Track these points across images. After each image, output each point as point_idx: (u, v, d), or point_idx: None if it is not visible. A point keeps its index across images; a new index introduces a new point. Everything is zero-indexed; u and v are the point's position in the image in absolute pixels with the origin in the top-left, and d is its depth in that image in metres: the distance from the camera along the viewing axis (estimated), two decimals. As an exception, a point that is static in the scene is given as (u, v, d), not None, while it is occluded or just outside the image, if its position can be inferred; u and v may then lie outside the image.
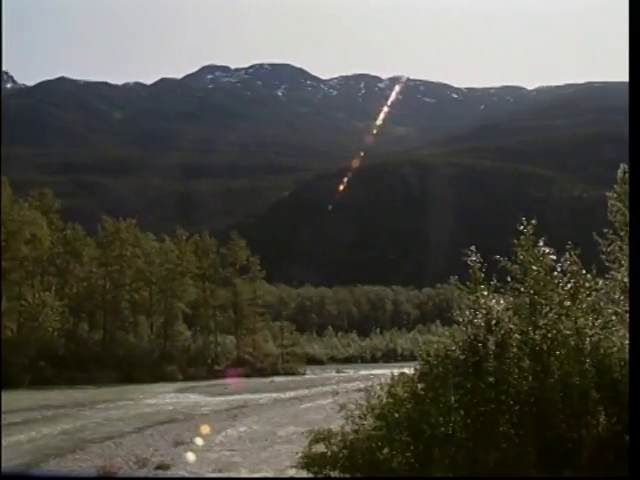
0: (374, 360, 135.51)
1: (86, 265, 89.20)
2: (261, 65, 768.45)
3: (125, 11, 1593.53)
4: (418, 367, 14.55)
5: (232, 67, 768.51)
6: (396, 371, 15.78)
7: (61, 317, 79.75)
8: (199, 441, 31.40)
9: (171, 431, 35.49)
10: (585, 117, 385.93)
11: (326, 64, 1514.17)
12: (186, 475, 23.80)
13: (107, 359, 78.79)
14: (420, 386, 14.18)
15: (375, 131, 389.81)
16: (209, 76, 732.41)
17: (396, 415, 13.93)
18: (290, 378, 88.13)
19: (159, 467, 24.68)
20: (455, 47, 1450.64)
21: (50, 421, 40.59)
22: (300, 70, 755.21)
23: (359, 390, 16.62)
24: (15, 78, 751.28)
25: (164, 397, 58.65)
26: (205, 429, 36.29)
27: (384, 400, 14.45)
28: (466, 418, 13.62)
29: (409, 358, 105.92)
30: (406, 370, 15.51)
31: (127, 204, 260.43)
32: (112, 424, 39.49)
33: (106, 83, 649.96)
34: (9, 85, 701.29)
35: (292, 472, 19.40)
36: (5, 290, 78.93)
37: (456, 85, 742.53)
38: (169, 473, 23.78)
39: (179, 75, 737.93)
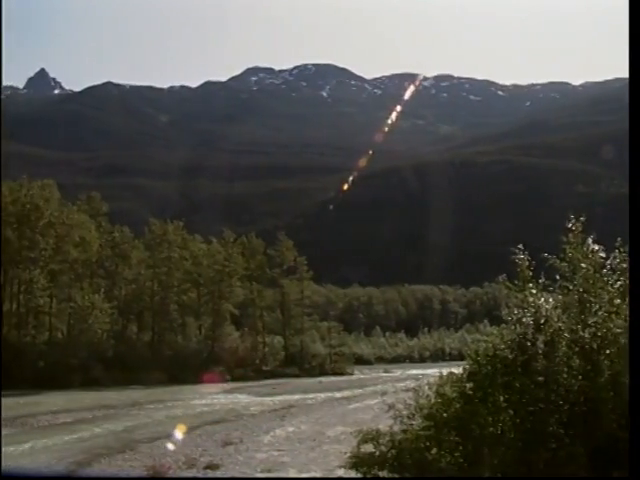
0: (422, 360, 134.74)
1: (134, 267, 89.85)
2: (305, 66, 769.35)
3: (169, 15, 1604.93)
4: (467, 366, 14.45)
5: (276, 69, 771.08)
6: (444, 371, 15.70)
7: (110, 319, 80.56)
8: (247, 441, 31.50)
9: (220, 431, 35.61)
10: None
11: (370, 63, 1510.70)
12: (237, 475, 23.87)
13: (156, 360, 79.30)
14: (469, 386, 14.08)
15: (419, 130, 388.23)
16: (253, 78, 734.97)
17: (445, 415, 13.86)
18: (338, 378, 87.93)
19: (208, 467, 24.78)
20: (499, 44, 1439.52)
21: (101, 421, 40.99)
22: (344, 70, 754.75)
23: (407, 390, 16.54)
24: (62, 84, 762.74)
25: (213, 398, 58.88)
26: (253, 429, 36.44)
27: (432, 400, 14.39)
28: (515, 418, 13.49)
29: (457, 357, 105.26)
30: (454, 370, 15.43)
31: (173, 206, 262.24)
32: (161, 424, 39.74)
33: (152, 87, 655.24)
34: (57, 91, 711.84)
35: (340, 472, 19.39)
36: (55, 292, 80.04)
37: (501, 82, 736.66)
38: (218, 473, 23.87)
39: (224, 78, 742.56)
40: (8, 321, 76.62)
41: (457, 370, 15.09)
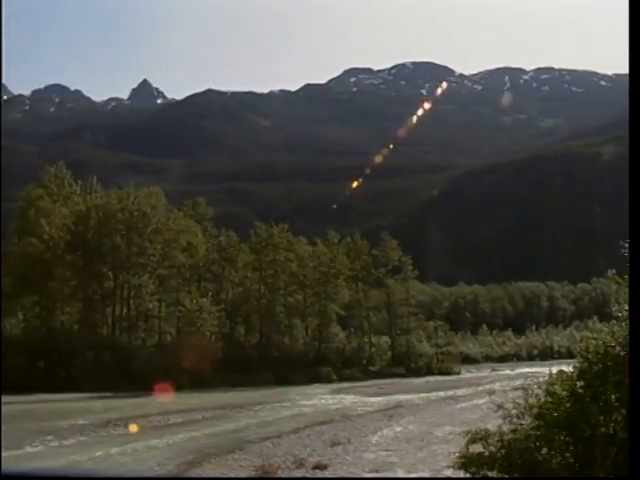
0: (530, 358, 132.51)
1: (241, 270, 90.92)
2: (404, 65, 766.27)
3: (267, 20, 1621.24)
4: (577, 365, 14.13)
5: (375, 69, 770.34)
6: (554, 369, 15.40)
7: (218, 321, 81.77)
8: (355, 441, 31.53)
9: (328, 431, 35.75)
10: None
11: (469, 59, 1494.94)
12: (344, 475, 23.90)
13: (263, 361, 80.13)
14: (579, 384, 13.76)
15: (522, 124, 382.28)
16: (352, 79, 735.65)
17: (555, 414, 13.57)
18: (445, 378, 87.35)
19: (316, 467, 24.88)
20: (599, 33, 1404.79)
21: (210, 422, 41.66)
22: (443, 67, 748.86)
23: (515, 389, 16.30)
24: (165, 94, 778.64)
25: (320, 398, 59.12)
26: (361, 429, 36.45)
27: (542, 399, 14.11)
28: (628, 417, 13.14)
29: (566, 355, 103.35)
30: (564, 368, 15.12)
31: (277, 209, 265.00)
32: (269, 425, 40.12)
33: (252, 92, 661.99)
34: (159, 101, 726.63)
35: (449, 472, 19.23)
36: (164, 296, 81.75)
37: (603, 72, 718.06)
38: (326, 473, 23.96)
39: (323, 80, 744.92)
40: (119, 325, 78.77)
41: (567, 368, 14.78)
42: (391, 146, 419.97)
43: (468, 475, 14.36)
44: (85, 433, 35.77)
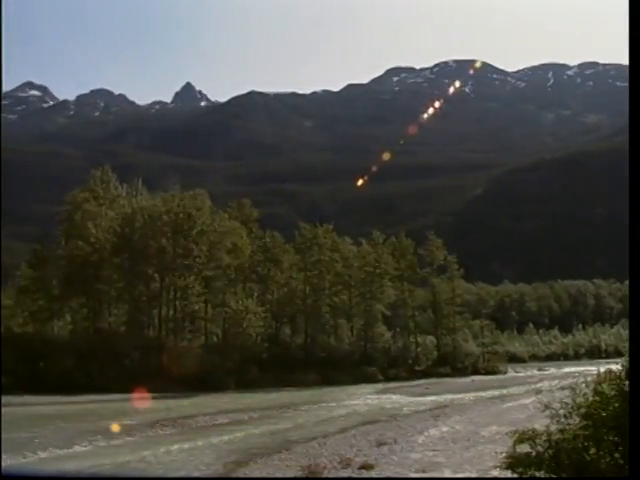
0: (577, 357, 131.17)
1: (286, 271, 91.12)
2: (446, 63, 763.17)
3: (308, 21, 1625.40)
4: (625, 363, 13.96)
5: (417, 67, 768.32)
6: (601, 368, 15.24)
7: (264, 322, 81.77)
8: (401, 441, 31.45)
9: (374, 431, 35.72)
10: None
11: (511, 56, 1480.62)
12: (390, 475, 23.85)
13: (309, 362, 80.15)
14: (628, 383, 13.61)
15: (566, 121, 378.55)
16: (395, 78, 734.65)
17: (603, 414, 13.44)
18: (491, 377, 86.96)
19: (362, 467, 24.86)
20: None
21: (256, 422, 41.86)
22: (486, 64, 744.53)
23: (562, 388, 16.16)
24: (208, 96, 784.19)
25: (366, 398, 59.09)
26: (407, 429, 36.36)
27: (590, 398, 13.97)
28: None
29: (613, 354, 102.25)
30: (612, 367, 14.96)
31: (322, 210, 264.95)
32: (315, 425, 40.19)
33: (295, 93, 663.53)
34: (203, 103, 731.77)
35: (496, 472, 19.11)
36: (210, 298, 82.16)
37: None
38: (373, 473, 23.93)
39: (365, 80, 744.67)
40: (165, 326, 79.31)
41: (615, 367, 14.61)
42: (434, 145, 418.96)
43: (515, 475, 14.28)
44: (133, 433, 36.14)
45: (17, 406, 49.42)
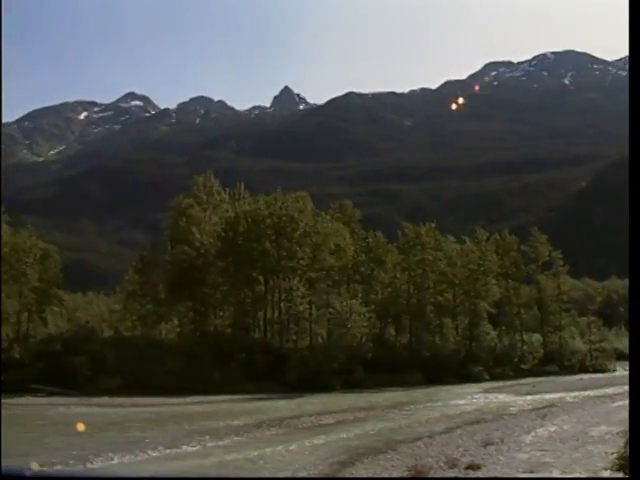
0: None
1: (389, 271, 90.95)
2: (544, 55, 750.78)
3: (404, 20, 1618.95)
4: None
5: (514, 61, 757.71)
6: None
7: (368, 322, 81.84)
8: (508, 441, 31.15)
9: (480, 431, 35.42)
10: None
11: (611, 45, 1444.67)
12: (497, 475, 23.67)
13: (414, 361, 79.68)
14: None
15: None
16: (493, 73, 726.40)
17: None
18: (599, 375, 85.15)
19: (469, 467, 24.69)
20: None
21: (361, 422, 41.95)
22: (585, 55, 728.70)
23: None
24: (307, 99, 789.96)
25: (471, 398, 58.60)
26: (514, 429, 35.99)
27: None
28: None
29: None
30: None
31: (424, 208, 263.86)
32: (421, 425, 40.10)
33: (393, 92, 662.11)
34: (301, 106, 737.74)
35: (606, 474, 18.84)
36: (314, 299, 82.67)
37: None
38: (480, 473, 23.77)
39: (463, 76, 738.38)
40: (270, 328, 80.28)
41: None
42: (536, 139, 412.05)
43: (627, 477, 14.03)
44: (240, 434, 36.66)
45: (128, 407, 50.96)
